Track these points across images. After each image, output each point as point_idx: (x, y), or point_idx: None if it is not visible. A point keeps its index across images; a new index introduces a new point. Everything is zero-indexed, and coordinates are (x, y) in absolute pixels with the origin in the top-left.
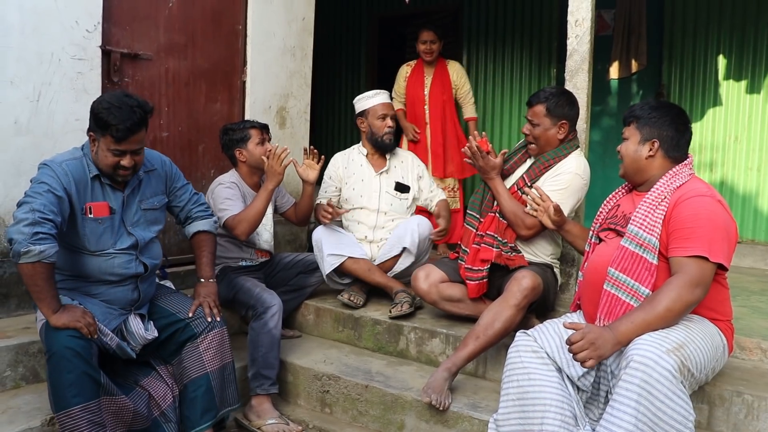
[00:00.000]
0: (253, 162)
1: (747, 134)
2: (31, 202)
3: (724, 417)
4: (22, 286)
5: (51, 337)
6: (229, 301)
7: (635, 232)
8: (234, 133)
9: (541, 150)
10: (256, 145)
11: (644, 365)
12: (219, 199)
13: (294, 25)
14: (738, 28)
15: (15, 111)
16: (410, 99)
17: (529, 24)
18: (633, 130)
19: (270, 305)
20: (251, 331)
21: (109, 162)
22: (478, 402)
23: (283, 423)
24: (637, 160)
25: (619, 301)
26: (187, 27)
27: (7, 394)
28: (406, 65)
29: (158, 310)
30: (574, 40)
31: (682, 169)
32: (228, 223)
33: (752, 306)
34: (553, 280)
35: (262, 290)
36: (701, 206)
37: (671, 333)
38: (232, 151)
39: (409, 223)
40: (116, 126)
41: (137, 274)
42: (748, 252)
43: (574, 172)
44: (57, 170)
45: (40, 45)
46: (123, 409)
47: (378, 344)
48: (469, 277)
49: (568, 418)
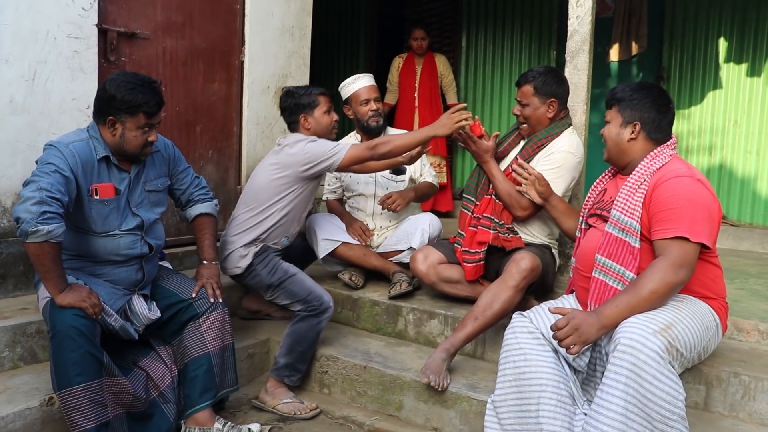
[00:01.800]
0: (320, 130)
1: (747, 118)
2: (38, 181)
3: (722, 398)
4: (19, 266)
5: (55, 315)
6: (269, 286)
7: (617, 217)
8: (300, 97)
9: (533, 130)
10: (324, 113)
11: (631, 347)
12: (323, 145)
13: (293, 5)
14: (739, 11)
15: (10, 90)
16: (402, 86)
17: (529, 5)
18: (614, 113)
19: (329, 306)
20: (302, 322)
21: (140, 141)
22: (476, 383)
23: (297, 402)
24: (619, 143)
25: (607, 287)
26: (185, 6)
27: (6, 374)
28: (398, 57)
29: (160, 291)
30: (575, 20)
31: (663, 150)
32: (369, 144)
33: (750, 288)
34: (551, 261)
35: (314, 284)
36: (680, 187)
37: (659, 314)
38: (297, 116)
39: (420, 221)
40: (148, 103)
41: (142, 255)
42: (746, 235)
43: (567, 151)
44: (64, 151)
45: (35, 23)
46: (123, 390)
47: (376, 325)
48: (466, 259)
49: (564, 398)
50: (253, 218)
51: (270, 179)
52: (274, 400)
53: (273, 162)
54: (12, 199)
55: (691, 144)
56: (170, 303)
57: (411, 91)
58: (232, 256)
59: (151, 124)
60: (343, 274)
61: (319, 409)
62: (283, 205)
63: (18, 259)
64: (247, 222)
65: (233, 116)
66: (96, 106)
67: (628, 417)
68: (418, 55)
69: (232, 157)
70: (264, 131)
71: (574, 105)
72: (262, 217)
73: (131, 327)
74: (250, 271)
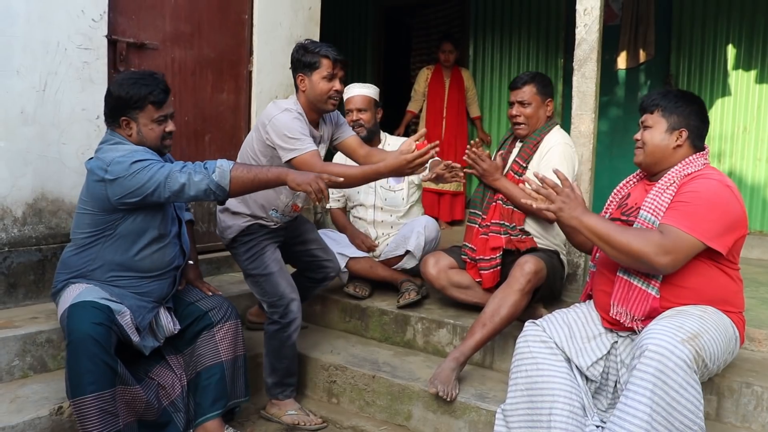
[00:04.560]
0: (312, 97)
1: (756, 124)
2: (152, 174)
3: (734, 408)
4: (30, 275)
5: (72, 324)
6: (244, 271)
7: (645, 217)
8: (305, 54)
9: (532, 129)
10: (322, 78)
11: (659, 354)
12: (289, 129)
13: (300, 15)
14: (747, 17)
15: (21, 100)
16: (431, 97)
17: (536, 13)
18: (658, 118)
19: (295, 317)
20: (273, 340)
21: (157, 133)
22: (485, 392)
23: (303, 414)
24: (664, 149)
25: (632, 287)
26: (193, 16)
27: (16, 383)
28: (426, 68)
29: (177, 301)
30: (582, 29)
31: (697, 159)
32: (312, 163)
33: (761, 297)
34: (559, 267)
35: (289, 290)
36: (704, 187)
37: (685, 323)
38: (295, 74)
39: (416, 224)
40: (153, 92)
41: (179, 266)
42: (756, 243)
43: (563, 143)
44: (128, 154)
45: (45, 34)
46: (136, 398)
47: (385, 334)
48: (482, 267)
49: (576, 409)
50: None
51: (251, 136)
52: (280, 411)
53: (258, 120)
54: (23, 209)
55: None
56: (188, 312)
57: (440, 102)
58: (219, 218)
59: (164, 115)
60: (347, 287)
61: (326, 424)
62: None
63: (28, 268)
64: None
65: (241, 125)
66: (107, 113)
67: (653, 426)
68: (446, 67)
69: None
70: None
71: (582, 113)
72: None
73: (151, 342)
74: (233, 247)
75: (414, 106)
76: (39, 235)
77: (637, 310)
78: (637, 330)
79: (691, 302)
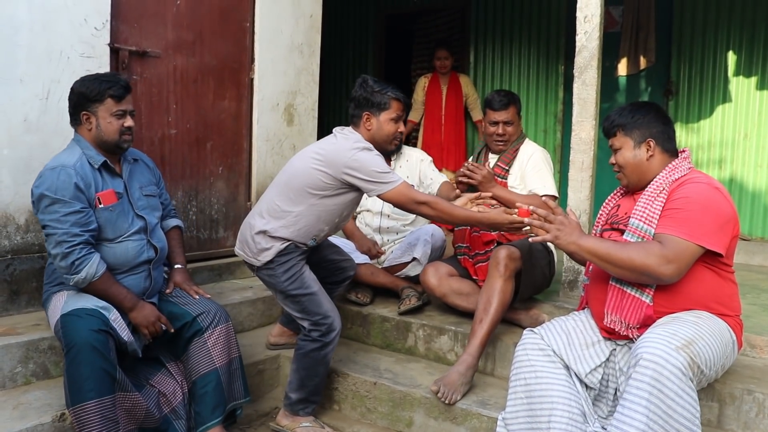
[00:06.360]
0: (379, 137)
1: (757, 131)
2: (54, 234)
3: (735, 415)
4: (32, 282)
5: (71, 331)
6: (283, 293)
7: (636, 225)
8: (373, 93)
9: (509, 144)
10: (390, 119)
11: (654, 363)
12: (377, 165)
13: (302, 22)
14: (748, 24)
15: (24, 109)
16: (429, 104)
17: (536, 21)
18: (623, 138)
19: (337, 335)
20: (307, 358)
21: (115, 127)
22: (486, 399)
23: (318, 426)
24: (639, 164)
25: (626, 295)
26: (195, 24)
27: (18, 390)
28: (424, 77)
29: (165, 304)
30: (582, 36)
31: (681, 163)
32: (416, 198)
33: (762, 304)
34: (541, 250)
35: (331, 307)
36: (695, 191)
37: (680, 330)
38: (361, 112)
39: (422, 232)
40: (112, 87)
41: (150, 259)
42: (758, 250)
43: (538, 150)
44: (71, 174)
45: (49, 43)
46: (136, 406)
47: (386, 341)
48: (478, 261)
49: (576, 416)
50: (280, 204)
51: (308, 166)
52: (293, 423)
53: (317, 151)
54: (26, 216)
55: (701, 158)
56: (177, 317)
57: (438, 110)
58: (253, 239)
59: (123, 110)
60: (349, 293)
61: None
62: (315, 200)
63: (31, 275)
64: (274, 206)
65: (243, 133)
66: (70, 111)
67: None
68: (443, 74)
69: (242, 174)
70: (274, 148)
71: (582, 120)
72: (289, 206)
73: (138, 341)
74: (269, 268)
75: (414, 116)
76: (41, 243)
77: (631, 318)
78: (633, 338)
79: (686, 307)
